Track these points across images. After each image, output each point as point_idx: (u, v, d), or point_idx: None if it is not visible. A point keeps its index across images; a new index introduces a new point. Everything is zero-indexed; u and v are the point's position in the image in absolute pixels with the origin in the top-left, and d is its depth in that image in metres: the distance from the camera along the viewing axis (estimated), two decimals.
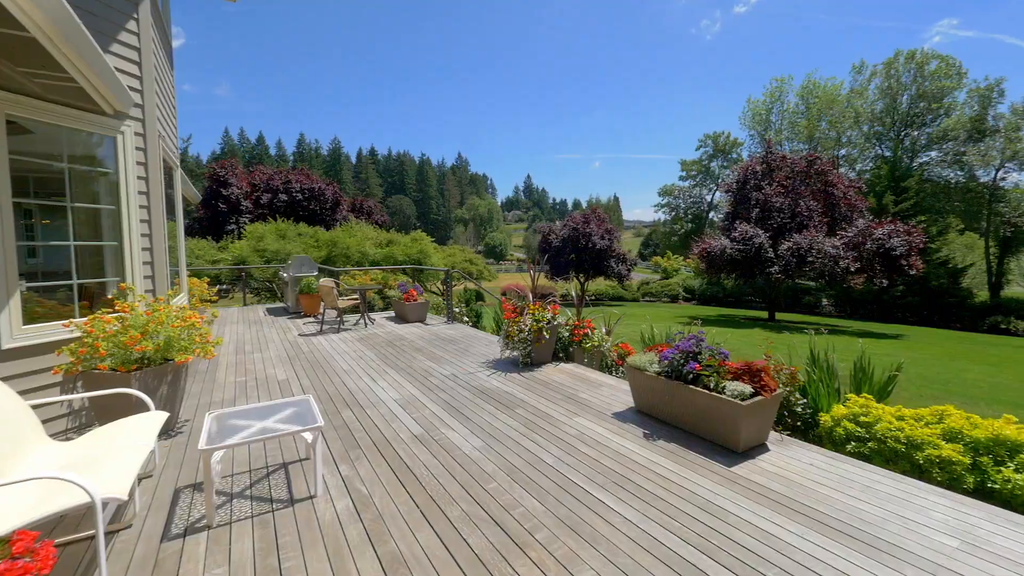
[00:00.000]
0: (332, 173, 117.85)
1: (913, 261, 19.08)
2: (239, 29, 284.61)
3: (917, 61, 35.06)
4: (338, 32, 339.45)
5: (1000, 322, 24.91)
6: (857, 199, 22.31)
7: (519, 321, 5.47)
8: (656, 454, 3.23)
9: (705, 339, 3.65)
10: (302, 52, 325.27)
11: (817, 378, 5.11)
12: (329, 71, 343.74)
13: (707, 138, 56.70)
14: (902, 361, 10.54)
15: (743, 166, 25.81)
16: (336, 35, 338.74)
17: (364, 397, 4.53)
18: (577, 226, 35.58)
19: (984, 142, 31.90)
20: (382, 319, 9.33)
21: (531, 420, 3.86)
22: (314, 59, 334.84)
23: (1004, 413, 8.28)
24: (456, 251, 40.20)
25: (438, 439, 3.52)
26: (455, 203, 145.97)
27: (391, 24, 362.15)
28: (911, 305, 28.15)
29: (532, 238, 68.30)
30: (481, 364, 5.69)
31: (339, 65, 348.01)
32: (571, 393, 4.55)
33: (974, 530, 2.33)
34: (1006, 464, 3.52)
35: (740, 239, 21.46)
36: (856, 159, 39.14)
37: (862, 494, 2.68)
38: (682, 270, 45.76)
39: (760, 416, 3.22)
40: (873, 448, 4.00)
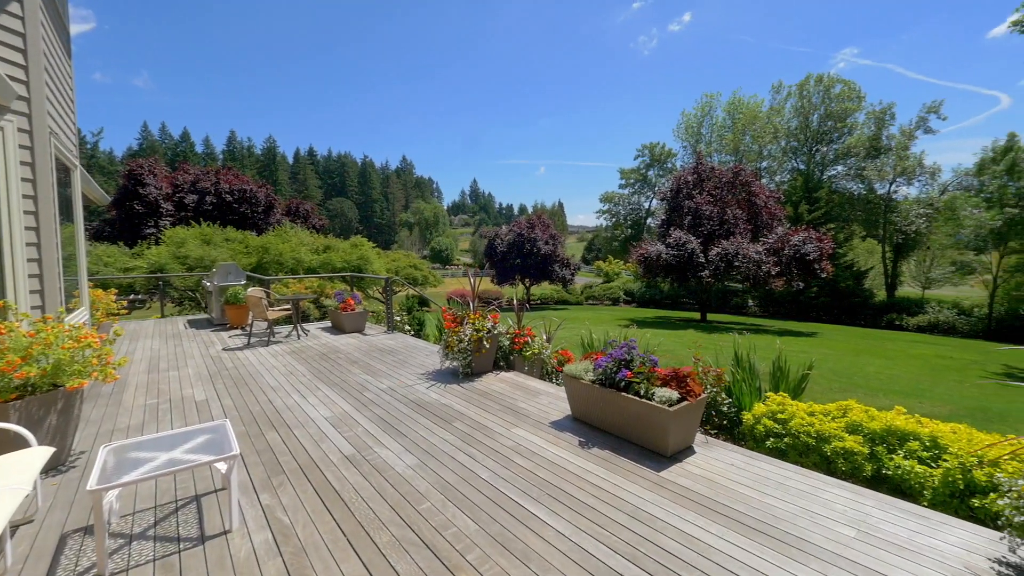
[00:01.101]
0: (267, 174, 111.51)
1: (824, 265, 21.03)
2: (161, 13, 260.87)
3: (824, 84, 38.81)
4: (274, 23, 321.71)
5: (895, 319, 27.99)
6: (777, 208, 24.26)
7: (459, 331, 5.41)
8: (590, 462, 3.28)
9: (636, 347, 3.77)
10: (234, 42, 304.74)
11: (740, 378, 5.45)
12: (265, 65, 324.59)
13: (644, 148, 59.40)
14: (813, 360, 11.47)
15: (676, 176, 27.30)
16: (272, 26, 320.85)
17: (292, 416, 4.27)
18: (522, 231, 36.00)
19: (880, 159, 35.85)
20: (317, 330, 8.90)
21: (468, 433, 3.81)
22: (247, 51, 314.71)
23: (898, 402, 9.25)
24: (400, 256, 39.30)
25: (370, 459, 3.38)
26: (400, 207, 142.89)
27: (334, 20, 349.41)
28: (824, 305, 30.97)
29: (479, 243, 68.31)
30: (420, 376, 5.56)
31: (276, 59, 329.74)
32: (510, 403, 4.55)
33: (867, 519, 2.56)
34: (897, 452, 3.92)
35: (674, 245, 22.64)
36: (775, 171, 42.58)
37: (776, 491, 2.87)
38: (623, 274, 47.52)
39: (686, 420, 3.37)
40: (788, 443, 4.31)
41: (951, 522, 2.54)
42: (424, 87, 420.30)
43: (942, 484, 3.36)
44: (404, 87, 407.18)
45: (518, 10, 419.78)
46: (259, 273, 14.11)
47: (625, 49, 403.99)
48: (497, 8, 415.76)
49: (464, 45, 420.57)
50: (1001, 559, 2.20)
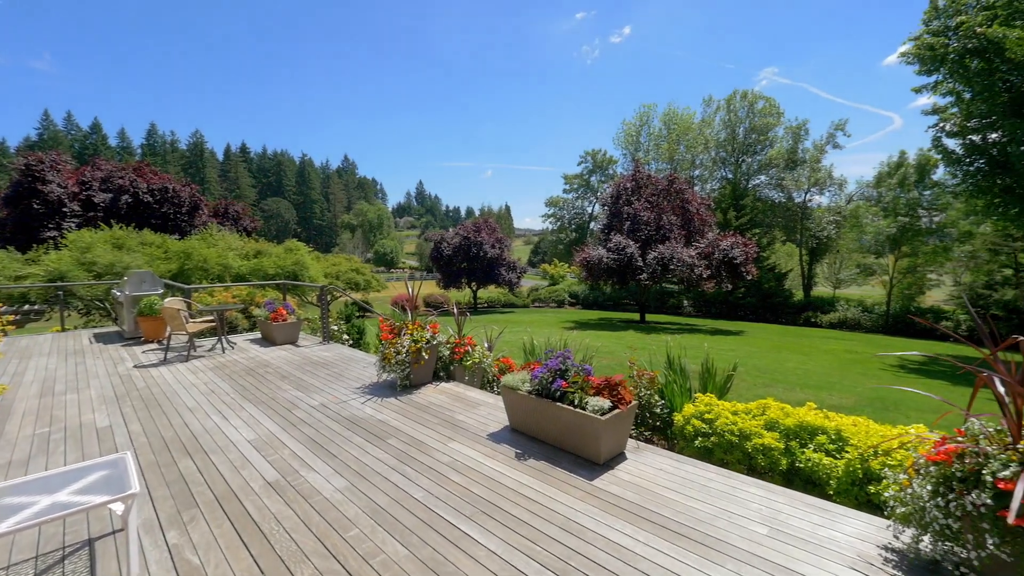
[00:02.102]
0: (193, 171, 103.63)
1: (750, 268, 22.63)
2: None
3: (749, 100, 41.87)
4: (203, 6, 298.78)
5: (811, 316, 30.61)
6: (707, 215, 25.79)
7: (396, 343, 5.26)
8: (525, 474, 3.29)
9: (572, 356, 3.84)
10: (153, 24, 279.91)
11: (672, 380, 5.69)
12: (191, 52, 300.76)
13: (588, 154, 61.20)
14: (739, 359, 12.21)
15: (616, 182, 28.32)
16: (201, 9, 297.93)
17: (210, 440, 3.96)
18: (469, 235, 35.83)
19: (796, 170, 39.18)
20: (246, 342, 8.34)
21: (403, 451, 3.71)
22: (170, 34, 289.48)
23: (812, 395, 10.03)
24: (341, 260, 37.84)
25: (296, 484, 3.19)
26: (341, 208, 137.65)
27: (268, 5, 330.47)
28: (750, 304, 33.29)
29: (425, 245, 67.27)
30: (356, 390, 5.35)
31: (204, 46, 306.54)
32: (448, 416, 4.48)
33: (778, 515, 2.75)
34: (808, 446, 4.25)
35: (615, 249, 23.46)
36: (707, 179, 45.35)
37: (699, 494, 3.02)
38: (568, 277, 48.58)
39: (618, 428, 3.47)
40: (715, 442, 4.56)
41: (849, 513, 2.78)
42: (366, 86, 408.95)
43: (845, 474, 3.69)
44: (345, 84, 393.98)
45: (462, 10, 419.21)
46: (180, 281, 13.03)
47: (569, 58, 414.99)
48: (440, 8, 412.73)
49: (407, 43, 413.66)
50: (887, 545, 2.44)
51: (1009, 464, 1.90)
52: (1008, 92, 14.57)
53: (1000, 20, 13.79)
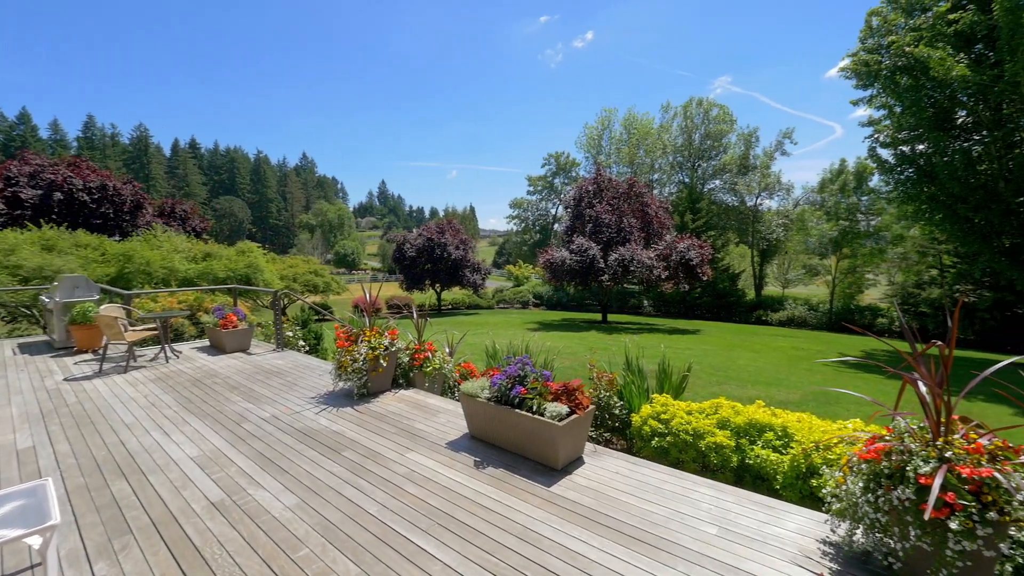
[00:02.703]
0: (136, 167, 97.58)
1: (705, 269, 23.50)
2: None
3: (704, 107, 43.51)
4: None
5: (762, 315, 32.14)
6: (665, 217, 26.60)
7: (352, 350, 5.12)
8: (484, 483, 3.27)
9: (531, 362, 3.85)
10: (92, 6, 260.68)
11: (630, 381, 5.81)
12: (135, 37, 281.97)
13: (551, 157, 61.82)
14: (694, 357, 12.58)
15: (579, 185, 28.75)
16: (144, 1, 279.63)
17: (149, 459, 3.71)
18: (432, 236, 35.44)
19: (748, 175, 41.05)
20: (192, 351, 7.90)
21: (359, 463, 3.60)
22: (111, 18, 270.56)
23: (762, 391, 10.44)
24: (299, 262, 36.57)
25: (242, 503, 3.04)
26: (299, 207, 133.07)
27: None
28: (706, 304, 34.60)
29: (387, 246, 66.02)
30: (310, 400, 5.16)
31: (149, 31, 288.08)
32: (407, 425, 4.39)
33: (727, 514, 2.85)
34: (756, 443, 4.43)
35: (577, 251, 23.81)
36: (665, 183, 46.77)
37: (653, 496, 3.09)
38: (532, 278, 48.88)
39: (575, 433, 3.50)
40: (671, 442, 4.68)
41: (792, 509, 2.91)
42: (326, 83, 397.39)
43: (790, 468, 3.87)
44: (303, 81, 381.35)
45: (425, 8, 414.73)
46: (120, 286, 12.19)
47: (534, 60, 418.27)
48: (402, 5, 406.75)
49: (369, 39, 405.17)
50: (825, 539, 2.57)
51: (929, 460, 2.04)
52: (932, 107, 15.82)
53: (925, 41, 14.96)
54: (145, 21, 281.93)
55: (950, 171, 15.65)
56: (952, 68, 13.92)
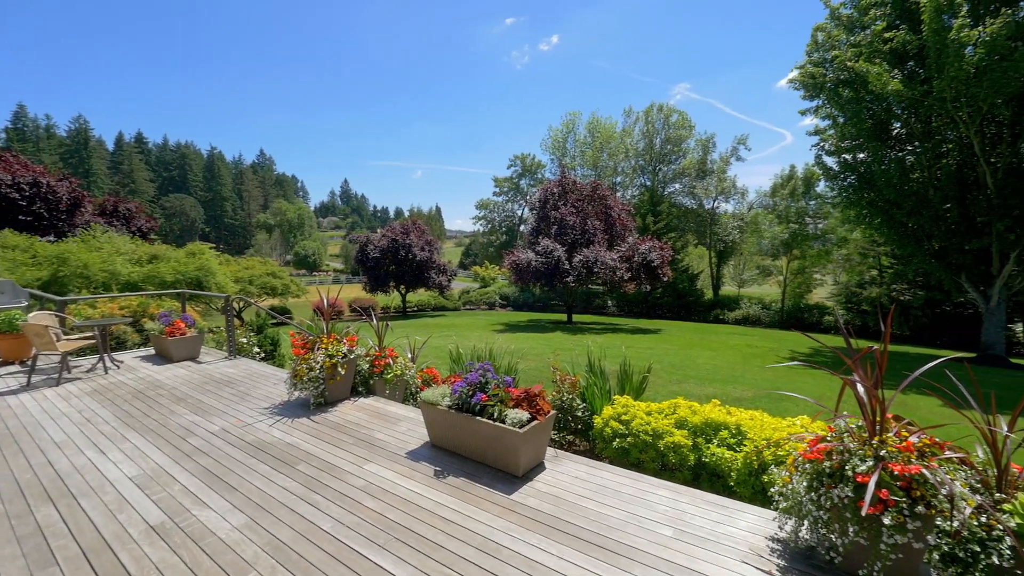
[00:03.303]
0: (75, 162, 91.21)
1: (666, 270, 24.19)
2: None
3: (664, 112, 44.82)
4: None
5: (720, 314, 33.41)
6: (628, 220, 27.20)
7: (309, 358, 4.94)
8: (444, 493, 3.22)
9: (492, 369, 3.82)
10: None
11: (593, 383, 5.89)
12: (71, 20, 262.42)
13: (517, 158, 62.09)
14: (655, 356, 12.87)
15: (544, 187, 28.99)
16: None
17: (80, 481, 3.44)
18: (397, 237, 34.84)
19: (705, 180, 42.59)
20: (136, 360, 7.42)
21: (314, 477, 3.47)
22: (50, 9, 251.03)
23: (719, 388, 10.77)
24: (255, 263, 35.14)
25: (186, 525, 2.86)
26: (257, 206, 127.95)
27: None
28: (667, 304, 35.64)
29: (350, 247, 64.39)
30: (263, 411, 4.94)
31: (87, 14, 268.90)
32: (366, 434, 4.27)
33: (683, 516, 2.92)
34: (712, 441, 4.58)
35: (543, 253, 24.00)
36: (627, 186, 47.85)
37: (611, 499, 3.13)
38: (499, 279, 48.91)
39: (536, 439, 3.51)
40: (631, 442, 4.77)
41: (744, 508, 3.02)
42: (288, 78, 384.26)
43: (743, 465, 4.02)
44: (261, 76, 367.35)
45: (390, 6, 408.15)
46: (54, 291, 11.32)
47: (500, 62, 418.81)
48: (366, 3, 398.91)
49: (331, 36, 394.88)
50: (774, 536, 2.68)
51: (866, 459, 2.15)
52: (871, 119, 16.90)
53: (864, 57, 15.95)
54: (84, 16, 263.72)
55: (887, 179, 16.76)
56: (888, 83, 14.91)
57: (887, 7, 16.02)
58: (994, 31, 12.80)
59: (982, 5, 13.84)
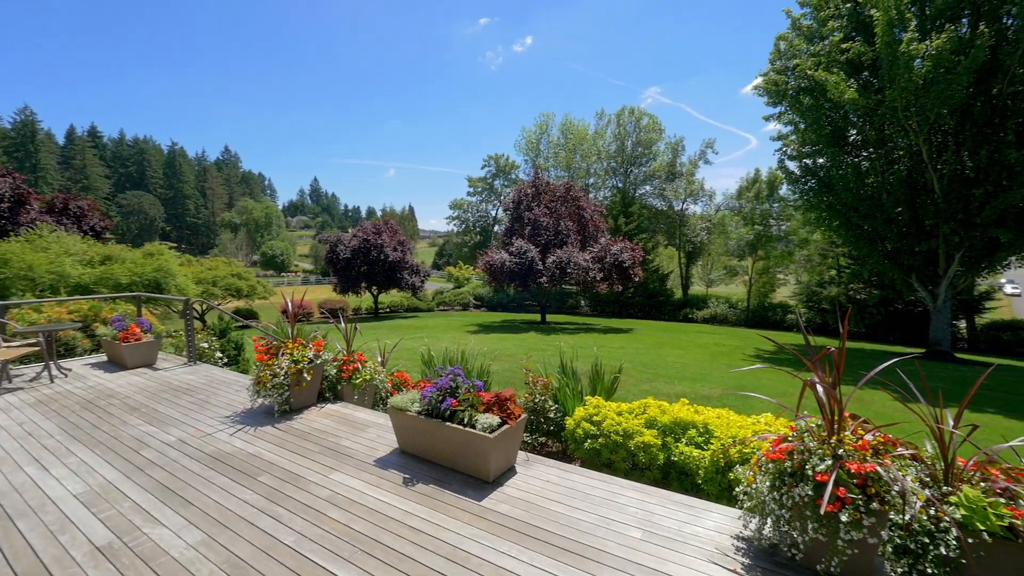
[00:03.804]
0: (20, 156, 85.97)
1: (637, 270, 24.62)
2: None
3: (635, 115, 45.60)
4: None
5: (689, 313, 34.23)
6: (600, 221, 27.55)
7: (273, 364, 4.76)
8: (412, 501, 3.15)
9: (463, 373, 3.77)
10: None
11: (565, 384, 5.92)
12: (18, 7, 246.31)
13: (491, 159, 61.97)
14: (626, 356, 13.03)
15: (517, 188, 29.05)
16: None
17: (19, 500, 3.21)
18: (368, 237, 34.22)
19: (675, 182, 43.58)
20: (86, 367, 7.02)
21: (276, 488, 3.34)
22: None
23: (688, 387, 10.98)
24: (219, 264, 33.97)
25: (136, 545, 2.70)
26: (221, 205, 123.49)
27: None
28: (639, 304, 36.28)
29: (320, 247, 62.92)
30: (224, 419, 4.74)
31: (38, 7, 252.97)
32: (333, 442, 4.15)
33: (652, 517, 2.95)
34: (681, 440, 4.66)
35: (517, 253, 24.04)
36: (599, 187, 48.48)
37: (582, 503, 3.13)
38: (473, 279, 48.71)
39: (507, 444, 3.48)
40: (602, 443, 4.80)
41: (710, 507, 3.07)
42: (255, 73, 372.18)
43: (710, 463, 4.10)
44: (225, 68, 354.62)
45: (362, 4, 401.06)
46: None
47: (474, 62, 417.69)
48: None
49: (301, 32, 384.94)
50: (738, 535, 2.74)
51: (825, 459, 2.22)
52: (830, 126, 17.64)
53: (823, 66, 16.64)
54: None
55: (844, 183, 17.53)
56: (845, 92, 15.60)
57: (844, 19, 16.76)
58: (939, 45, 13.56)
59: (929, 21, 14.65)
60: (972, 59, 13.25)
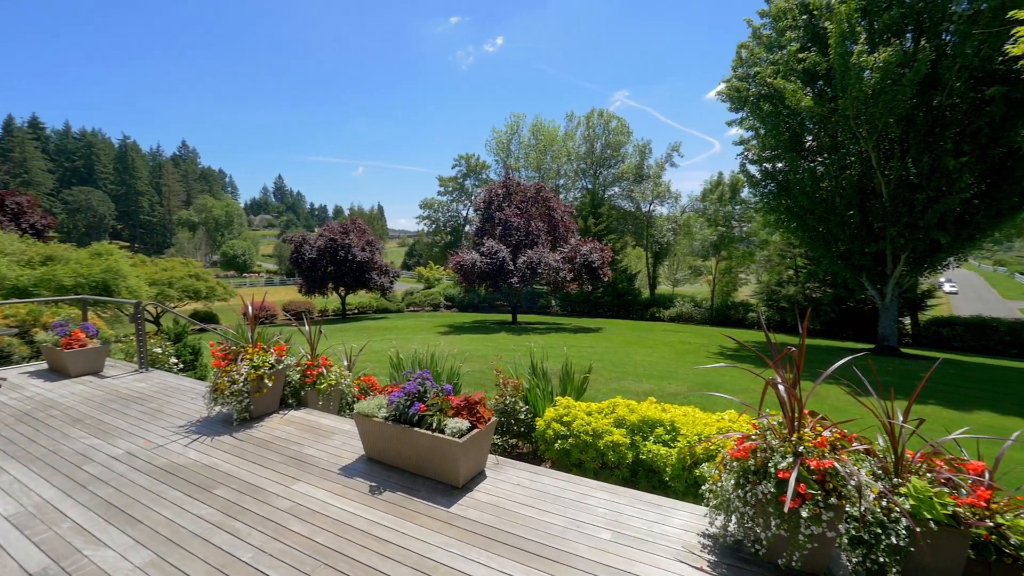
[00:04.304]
0: None
1: (606, 271, 25.01)
2: None
3: (604, 118, 46.29)
4: None
5: (656, 312, 35.03)
6: (570, 222, 27.84)
7: (231, 370, 4.55)
8: (379, 510, 3.06)
9: (431, 377, 3.70)
10: None
11: (535, 385, 5.92)
12: None
13: (461, 158, 61.59)
14: (596, 355, 13.17)
15: (488, 188, 29.00)
16: None
17: None
18: (336, 236, 33.42)
19: (642, 184, 44.50)
20: (23, 376, 6.52)
21: (233, 502, 3.18)
22: None
23: (655, 385, 11.19)
24: (175, 264, 32.42)
25: (75, 569, 2.51)
26: (179, 202, 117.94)
27: None
28: (608, 303, 36.86)
29: (285, 247, 60.93)
30: (178, 429, 4.49)
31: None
32: (296, 451, 3.99)
33: (621, 517, 2.97)
34: (649, 438, 4.73)
35: (487, 253, 23.99)
36: (569, 188, 48.97)
37: (552, 505, 3.12)
38: (443, 280, 48.31)
39: (477, 448, 3.43)
40: (572, 443, 4.82)
41: (678, 506, 3.11)
42: (218, 65, 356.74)
43: (677, 460, 4.17)
44: (187, 60, 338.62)
45: None
46: None
47: (445, 61, 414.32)
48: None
49: (267, 24, 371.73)
50: (705, 532, 2.78)
51: (786, 456, 2.28)
52: (788, 131, 18.40)
53: (781, 75, 17.34)
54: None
55: (801, 187, 18.33)
56: (802, 99, 16.31)
57: (800, 30, 17.52)
58: (886, 58, 14.35)
59: (877, 34, 15.49)
60: (915, 72, 14.08)
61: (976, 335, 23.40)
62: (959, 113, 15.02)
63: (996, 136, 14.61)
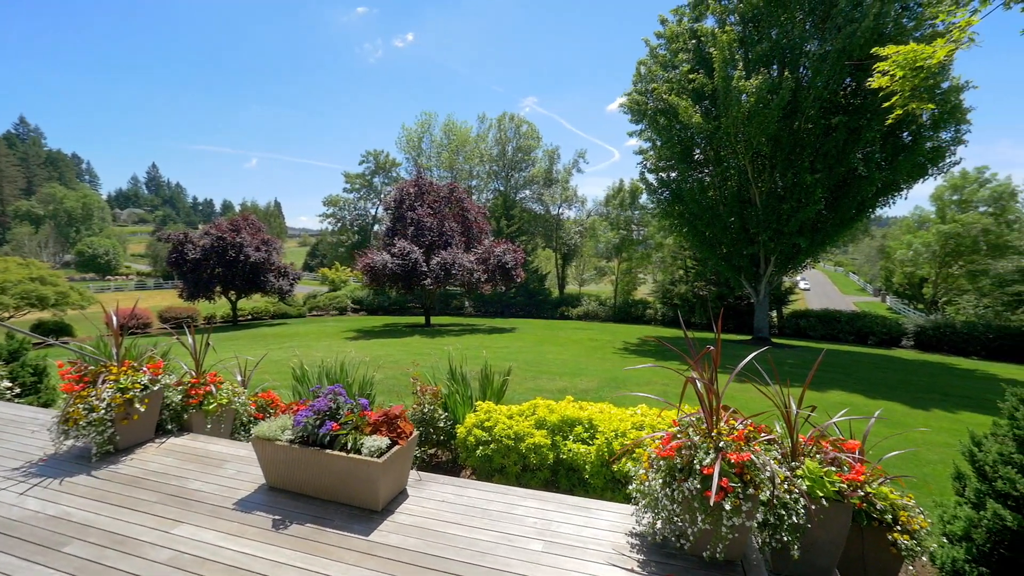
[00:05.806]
0: None
1: (519, 271, 25.47)
2: None
3: (516, 122, 47.20)
4: None
5: (565, 311, 36.54)
6: (484, 223, 27.92)
7: (89, 395, 3.75)
8: (285, 548, 2.68)
9: (344, 392, 3.36)
10: None
11: (454, 391, 5.74)
12: None
13: (370, 154, 58.88)
14: (512, 357, 13.28)
15: (399, 187, 28.03)
16: None
17: None
18: (225, 235, 30.07)
19: (552, 188, 46.17)
20: None
21: (92, 560, 2.58)
22: None
23: (568, 381, 11.52)
24: (11, 265, 26.98)
25: None
26: (16, 190, 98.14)
27: None
28: (520, 303, 37.66)
29: (161, 246, 53.45)
30: (11, 473, 3.59)
31: None
32: (177, 486, 3.39)
33: (550, 525, 2.92)
34: (569, 437, 4.79)
35: (399, 255, 23.15)
36: (482, 190, 49.19)
37: (480, 520, 2.98)
38: (350, 281, 45.78)
39: (398, 466, 3.18)
40: (494, 448, 4.73)
41: (604, 506, 3.15)
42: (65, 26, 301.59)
43: (596, 458, 4.27)
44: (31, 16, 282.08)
45: None
46: None
47: (351, 52, 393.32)
48: None
49: None
50: (632, 530, 2.84)
51: (709, 452, 2.39)
52: (681, 144, 20.18)
53: (675, 92, 18.96)
54: None
55: (691, 195, 20.22)
56: (692, 116, 17.98)
57: (691, 53, 19.32)
58: (758, 85, 16.36)
59: (752, 64, 17.61)
60: (781, 98, 16.23)
61: (825, 325, 27.60)
62: (813, 136, 17.60)
63: (840, 157, 17.35)
